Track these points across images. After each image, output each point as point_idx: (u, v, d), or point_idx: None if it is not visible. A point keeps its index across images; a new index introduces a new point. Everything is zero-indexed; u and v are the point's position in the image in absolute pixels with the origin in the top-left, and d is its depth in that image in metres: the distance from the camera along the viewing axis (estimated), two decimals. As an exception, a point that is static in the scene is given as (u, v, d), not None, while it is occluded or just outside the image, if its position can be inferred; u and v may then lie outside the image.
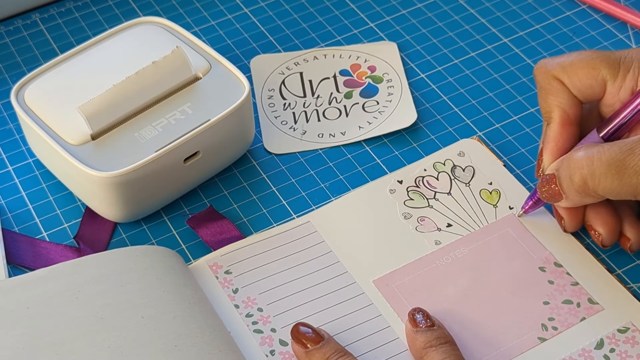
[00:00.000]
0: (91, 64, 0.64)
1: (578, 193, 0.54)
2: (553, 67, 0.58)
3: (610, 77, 0.57)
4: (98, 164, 0.59)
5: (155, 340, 0.53)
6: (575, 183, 0.54)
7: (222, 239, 0.61)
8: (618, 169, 0.52)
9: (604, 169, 0.53)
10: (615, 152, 0.52)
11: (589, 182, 0.53)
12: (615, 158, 0.52)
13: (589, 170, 0.53)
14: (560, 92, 0.58)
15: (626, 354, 0.54)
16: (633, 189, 0.52)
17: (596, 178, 0.53)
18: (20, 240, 0.61)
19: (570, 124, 0.58)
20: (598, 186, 0.53)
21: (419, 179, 0.64)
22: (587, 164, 0.53)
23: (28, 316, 0.54)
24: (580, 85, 0.57)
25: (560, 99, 0.58)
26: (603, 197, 0.54)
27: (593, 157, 0.53)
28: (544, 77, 0.58)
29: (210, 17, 0.78)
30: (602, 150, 0.53)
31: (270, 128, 0.68)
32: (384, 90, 0.70)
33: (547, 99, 0.58)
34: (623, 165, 0.52)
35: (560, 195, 0.56)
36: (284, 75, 0.72)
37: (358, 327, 0.56)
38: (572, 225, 0.59)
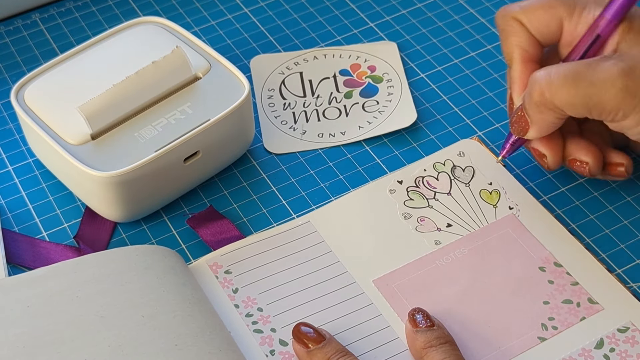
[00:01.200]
0: (91, 64, 0.64)
1: (537, 107, 0.56)
2: (512, 9, 0.60)
3: (566, 15, 0.59)
4: (98, 163, 0.59)
5: (155, 340, 0.53)
6: (533, 97, 0.56)
7: (222, 239, 0.61)
8: (574, 79, 0.54)
9: (561, 80, 0.54)
10: (573, 65, 0.55)
11: (546, 92, 0.55)
12: (572, 70, 0.54)
13: (546, 81, 0.55)
14: (519, 32, 0.60)
15: (626, 354, 0.54)
16: (587, 100, 0.54)
17: (553, 88, 0.55)
18: (20, 240, 0.61)
19: (531, 61, 0.60)
20: (554, 96, 0.55)
21: (418, 179, 0.64)
22: (544, 76, 0.55)
23: (28, 315, 0.54)
24: (538, 25, 0.59)
25: (520, 38, 0.60)
26: (562, 111, 0.55)
27: (551, 70, 0.55)
28: (504, 19, 0.60)
29: (210, 17, 0.78)
30: (559, 66, 0.55)
31: (270, 128, 0.68)
32: (384, 90, 0.70)
33: (507, 40, 0.60)
34: (578, 76, 0.54)
35: (527, 122, 0.57)
36: (283, 75, 0.72)
37: (358, 327, 0.56)
38: (554, 160, 0.60)
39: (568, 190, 0.63)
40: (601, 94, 0.53)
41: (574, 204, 0.62)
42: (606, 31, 0.57)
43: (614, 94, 0.53)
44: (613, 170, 0.60)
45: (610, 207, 0.62)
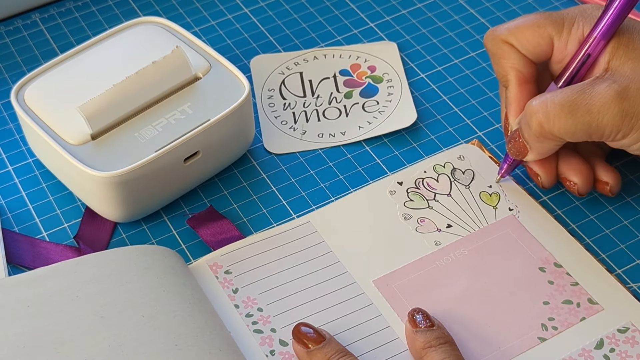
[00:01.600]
0: (91, 64, 0.64)
1: (537, 138, 0.57)
2: (501, 32, 0.60)
3: (555, 33, 0.59)
4: (98, 164, 0.59)
5: (156, 340, 0.53)
6: (532, 128, 0.56)
7: (222, 239, 0.61)
8: (570, 109, 0.54)
9: (557, 110, 0.55)
10: (567, 94, 0.55)
11: (545, 124, 0.55)
12: (567, 99, 0.55)
13: (543, 113, 0.55)
14: (511, 54, 0.60)
15: (626, 354, 0.54)
16: (587, 127, 0.55)
17: (551, 120, 0.55)
18: (20, 240, 0.61)
19: (527, 82, 0.60)
20: (553, 127, 0.55)
21: (418, 180, 0.64)
22: (541, 108, 0.56)
23: (28, 315, 0.54)
24: (528, 45, 0.59)
25: (513, 60, 0.60)
26: (561, 139, 0.56)
27: (547, 101, 0.56)
28: (494, 43, 0.61)
29: (210, 17, 0.78)
30: (554, 94, 0.56)
31: (270, 128, 0.68)
32: (384, 90, 0.70)
33: (500, 63, 0.61)
34: (575, 105, 0.54)
35: (525, 147, 0.58)
36: (284, 75, 0.72)
37: (358, 327, 0.56)
38: (548, 179, 0.60)
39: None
40: (599, 120, 0.54)
41: (573, 204, 0.62)
42: (596, 50, 0.57)
43: (612, 118, 0.54)
44: (600, 188, 0.61)
45: (610, 207, 0.62)
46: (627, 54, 0.56)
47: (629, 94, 0.54)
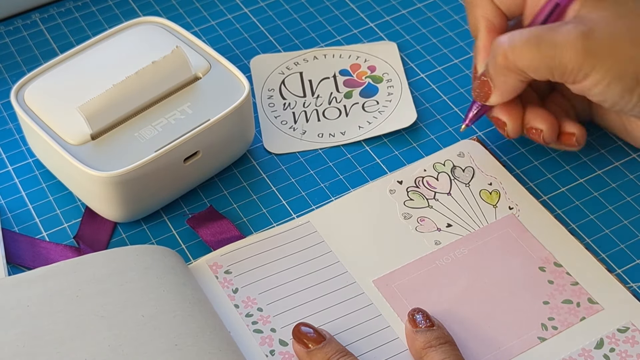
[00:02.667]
0: (91, 64, 0.64)
1: (502, 71, 0.58)
2: None
3: None
4: (98, 164, 0.59)
5: (156, 339, 0.53)
6: (498, 60, 0.58)
7: (222, 239, 0.61)
8: (536, 41, 0.56)
9: (523, 42, 0.57)
10: (535, 29, 0.57)
11: (509, 55, 0.57)
12: (534, 33, 0.57)
13: (509, 44, 0.57)
14: (484, 4, 0.61)
15: (626, 354, 0.54)
16: (549, 61, 0.56)
17: (516, 50, 0.57)
18: (20, 240, 0.61)
19: (496, 31, 0.61)
20: (517, 58, 0.57)
21: (418, 179, 0.64)
22: (507, 40, 0.57)
23: (28, 314, 0.54)
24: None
25: (486, 9, 0.61)
26: (524, 73, 0.57)
27: (514, 34, 0.57)
28: None
29: (210, 17, 0.78)
30: (522, 30, 0.57)
31: (270, 128, 0.68)
32: (384, 90, 0.70)
33: (473, 12, 0.62)
34: (540, 38, 0.56)
35: (489, 87, 0.59)
36: (283, 75, 0.72)
37: (358, 327, 0.56)
38: (513, 128, 0.62)
39: (568, 190, 0.63)
40: (562, 55, 0.55)
41: (574, 204, 0.62)
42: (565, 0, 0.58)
43: (575, 54, 0.55)
44: (566, 139, 0.62)
45: (610, 207, 0.62)
46: (595, 4, 0.57)
47: (594, 35, 0.55)
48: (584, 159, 0.65)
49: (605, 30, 0.55)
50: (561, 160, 0.65)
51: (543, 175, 0.64)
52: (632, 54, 0.55)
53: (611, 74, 0.55)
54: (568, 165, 0.65)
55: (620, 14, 0.56)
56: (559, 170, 0.64)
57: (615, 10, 0.56)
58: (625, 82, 0.56)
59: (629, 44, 0.55)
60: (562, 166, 0.65)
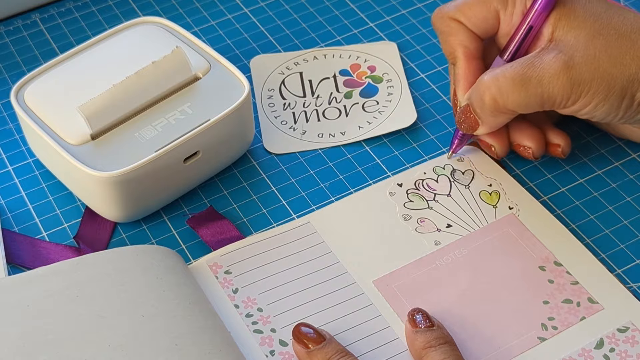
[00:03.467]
0: (91, 64, 0.64)
1: (491, 113, 0.59)
2: (449, 10, 0.62)
3: (501, 6, 0.61)
4: (98, 164, 0.59)
5: (156, 339, 0.53)
6: (486, 103, 0.58)
7: (222, 239, 0.61)
8: (522, 82, 0.57)
9: (510, 84, 0.57)
10: (517, 67, 0.57)
11: (499, 99, 0.58)
12: (518, 73, 0.57)
13: (496, 88, 0.58)
14: (459, 31, 0.61)
15: (626, 354, 0.54)
16: (539, 98, 0.57)
17: (504, 94, 0.57)
18: (20, 240, 0.61)
19: (474, 58, 0.62)
20: (507, 101, 0.57)
21: (418, 181, 0.64)
22: (493, 83, 0.58)
23: (28, 315, 0.54)
24: (476, 20, 0.61)
25: (461, 37, 0.61)
26: (514, 111, 0.59)
27: (498, 76, 0.58)
28: (442, 21, 0.62)
29: (210, 17, 0.78)
30: (505, 69, 0.58)
31: (270, 128, 0.68)
32: (384, 90, 0.70)
33: (448, 41, 0.62)
34: (526, 78, 0.57)
35: (477, 122, 0.60)
36: (283, 75, 0.72)
37: (358, 328, 0.56)
38: (501, 148, 0.63)
39: (568, 190, 0.63)
40: (550, 90, 0.56)
41: (574, 204, 0.62)
42: (538, 22, 0.59)
43: (562, 87, 0.56)
44: (553, 150, 0.63)
45: (610, 207, 0.62)
46: (569, 24, 0.57)
47: (575, 62, 0.56)
48: (584, 159, 0.65)
49: (585, 54, 0.56)
50: (561, 160, 0.65)
51: (543, 175, 0.64)
52: (613, 73, 0.56)
53: (598, 96, 0.56)
54: (568, 165, 0.65)
55: (596, 31, 0.57)
56: (559, 170, 0.64)
57: (591, 27, 0.57)
58: (611, 101, 0.57)
59: (608, 63, 0.56)
60: (562, 166, 0.65)
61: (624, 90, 0.56)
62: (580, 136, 0.66)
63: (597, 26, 0.57)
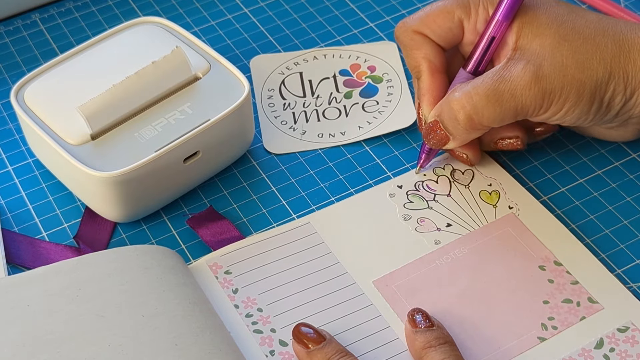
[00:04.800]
0: (91, 64, 0.64)
1: (466, 130, 0.59)
2: (412, 22, 0.61)
3: (464, 15, 0.60)
4: (98, 164, 0.59)
5: (156, 339, 0.53)
6: (461, 122, 0.58)
7: (222, 239, 0.61)
8: (496, 98, 0.57)
9: (484, 101, 0.57)
10: (488, 83, 0.57)
11: (474, 117, 0.57)
12: (490, 88, 0.57)
13: (470, 106, 0.57)
14: (423, 44, 0.61)
15: (626, 354, 0.54)
16: (513, 111, 0.57)
17: (479, 112, 0.57)
18: (20, 240, 0.61)
19: (438, 72, 0.61)
20: (483, 118, 0.57)
21: (418, 183, 0.64)
22: (467, 101, 0.57)
23: (28, 314, 0.54)
24: (440, 32, 0.61)
25: (425, 50, 0.61)
26: (489, 127, 0.59)
27: (471, 93, 0.57)
28: (406, 34, 0.62)
29: (210, 17, 0.78)
30: (476, 85, 0.57)
31: (270, 128, 0.68)
32: (384, 90, 0.70)
33: (412, 54, 0.61)
34: (499, 93, 0.56)
35: (447, 138, 0.59)
36: (283, 75, 0.72)
37: (358, 328, 0.56)
38: (475, 155, 0.63)
39: (568, 190, 0.63)
40: (523, 102, 0.57)
41: (574, 204, 0.62)
42: (500, 32, 0.58)
43: (534, 98, 0.56)
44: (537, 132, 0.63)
45: (610, 207, 0.62)
46: (532, 31, 0.57)
47: (545, 72, 0.56)
48: (584, 159, 0.65)
49: (553, 62, 0.56)
50: (561, 160, 0.65)
51: (543, 175, 0.64)
52: (582, 79, 0.56)
53: (569, 102, 0.56)
54: (568, 165, 0.65)
55: (561, 37, 0.57)
56: (559, 170, 0.64)
57: (556, 33, 0.57)
58: (581, 106, 0.57)
59: (576, 70, 0.56)
60: (562, 166, 0.65)
61: (592, 95, 0.56)
62: (580, 136, 0.66)
63: (561, 32, 0.57)
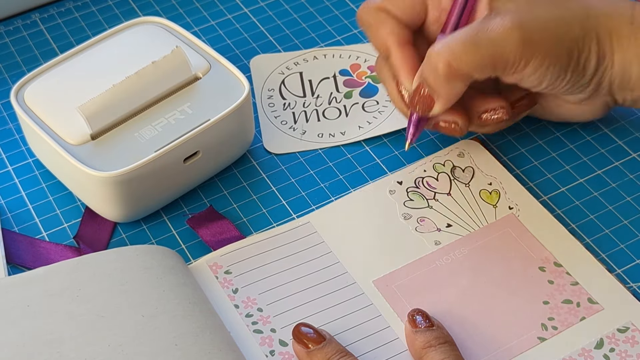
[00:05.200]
0: (91, 64, 0.64)
1: (447, 79, 0.57)
2: (375, 1, 0.61)
3: None
4: (98, 163, 0.59)
5: (156, 339, 0.53)
6: (441, 70, 0.56)
7: (222, 239, 0.61)
8: (474, 43, 0.56)
9: (462, 47, 0.56)
10: (467, 31, 0.56)
11: (453, 62, 0.56)
12: (469, 35, 0.56)
13: (448, 53, 0.56)
14: (388, 21, 0.60)
15: (626, 354, 0.54)
16: (492, 58, 0.56)
17: (457, 56, 0.56)
18: (20, 240, 0.61)
19: (408, 43, 0.60)
20: (461, 63, 0.56)
21: (418, 179, 0.64)
22: (445, 49, 0.56)
23: (28, 314, 0.54)
24: (404, 7, 0.60)
25: (390, 26, 0.60)
26: (469, 75, 0.57)
27: (449, 42, 0.56)
28: (369, 13, 0.61)
29: (210, 17, 0.78)
30: (455, 35, 0.57)
31: (270, 128, 0.68)
32: (384, 90, 0.70)
33: (377, 33, 0.61)
34: (477, 39, 0.56)
35: (432, 98, 0.58)
36: (283, 75, 0.72)
37: (358, 328, 0.56)
38: (464, 122, 0.61)
39: (568, 190, 0.63)
40: (503, 50, 0.55)
41: (574, 204, 0.62)
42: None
43: (514, 46, 0.55)
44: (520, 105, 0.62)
45: (610, 207, 0.62)
46: None
47: (524, 24, 0.55)
48: (584, 159, 0.65)
49: (532, 14, 0.55)
50: (561, 160, 0.65)
51: (543, 175, 0.64)
52: (559, 34, 0.56)
53: (549, 56, 0.56)
54: (568, 165, 0.65)
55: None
56: (559, 170, 0.64)
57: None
58: (561, 61, 0.56)
59: (554, 24, 0.55)
60: (562, 166, 0.65)
61: (571, 51, 0.56)
62: (580, 136, 0.66)
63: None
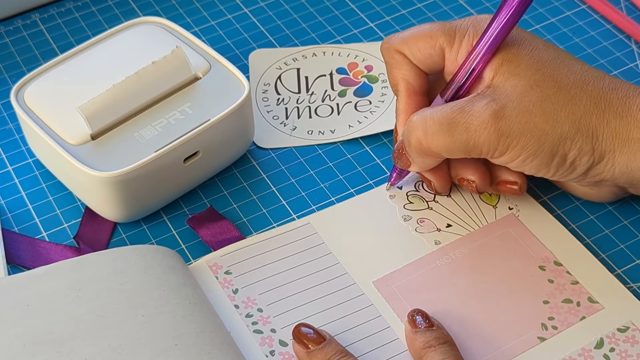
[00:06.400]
0: (91, 64, 0.64)
1: (417, 153, 0.57)
2: (395, 41, 0.60)
3: (447, 44, 0.59)
4: (98, 164, 0.59)
5: (156, 339, 0.53)
6: (412, 144, 0.57)
7: (222, 239, 0.61)
8: (449, 127, 0.55)
9: (436, 128, 0.55)
10: (447, 111, 0.55)
11: (423, 141, 0.56)
12: (446, 117, 0.55)
13: (422, 130, 0.56)
14: (403, 65, 0.60)
15: (626, 354, 0.54)
16: (464, 145, 0.55)
17: (429, 137, 0.56)
18: (20, 240, 0.61)
19: (415, 94, 0.60)
20: (432, 144, 0.56)
21: (418, 183, 0.64)
22: (420, 124, 0.56)
23: (28, 314, 0.54)
24: (420, 56, 0.59)
25: (404, 71, 0.60)
26: (440, 155, 0.57)
27: (426, 118, 0.56)
28: (388, 51, 0.61)
29: (210, 17, 0.78)
30: (434, 111, 0.56)
31: (261, 122, 0.68)
32: (378, 91, 0.70)
33: (392, 73, 0.61)
34: (453, 123, 0.55)
35: (409, 160, 0.58)
36: (280, 71, 0.72)
37: (358, 328, 0.56)
38: (440, 185, 0.61)
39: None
40: (476, 138, 0.55)
41: (574, 204, 0.62)
42: (479, 65, 0.57)
43: (488, 137, 0.54)
44: (506, 188, 0.60)
45: (610, 207, 0.62)
46: (510, 70, 0.56)
47: (506, 114, 0.54)
48: (583, 159, 0.65)
49: (518, 105, 0.54)
50: (561, 160, 0.65)
51: (543, 175, 0.64)
52: (545, 129, 0.54)
53: (526, 151, 0.54)
54: (568, 165, 0.65)
55: (535, 82, 0.55)
56: (558, 170, 0.64)
57: (531, 78, 0.55)
58: (540, 157, 0.55)
59: (541, 118, 0.54)
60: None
61: (554, 148, 0.54)
62: (580, 136, 0.66)
63: (537, 77, 0.55)
